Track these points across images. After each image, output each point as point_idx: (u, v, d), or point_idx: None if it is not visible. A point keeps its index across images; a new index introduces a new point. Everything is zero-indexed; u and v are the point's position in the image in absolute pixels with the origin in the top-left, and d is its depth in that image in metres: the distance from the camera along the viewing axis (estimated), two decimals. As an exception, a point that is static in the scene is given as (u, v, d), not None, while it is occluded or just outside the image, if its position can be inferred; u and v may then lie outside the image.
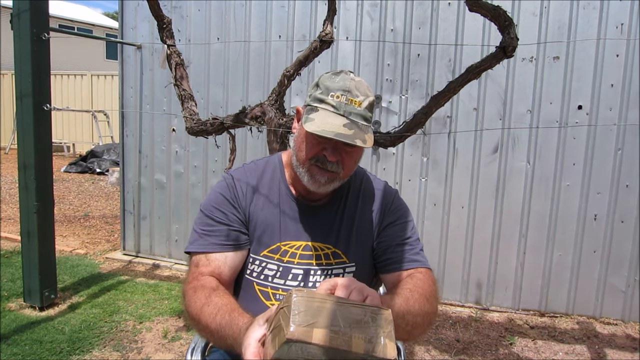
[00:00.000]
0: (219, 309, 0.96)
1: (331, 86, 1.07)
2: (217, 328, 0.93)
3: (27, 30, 2.71)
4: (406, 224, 1.19)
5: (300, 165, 1.11)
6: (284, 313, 0.72)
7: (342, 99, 1.05)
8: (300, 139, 1.10)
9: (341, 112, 1.04)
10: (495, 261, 3.16)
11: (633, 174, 2.92)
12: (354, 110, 1.05)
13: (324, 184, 1.09)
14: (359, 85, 1.07)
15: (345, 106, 1.05)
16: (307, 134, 1.08)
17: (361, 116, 1.06)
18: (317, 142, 1.07)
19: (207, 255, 1.10)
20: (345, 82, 1.07)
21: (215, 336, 0.95)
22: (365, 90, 1.08)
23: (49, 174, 2.94)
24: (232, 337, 0.90)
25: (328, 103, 1.05)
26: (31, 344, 2.48)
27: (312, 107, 1.08)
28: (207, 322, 0.96)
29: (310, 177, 1.09)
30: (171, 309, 2.99)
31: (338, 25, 3.24)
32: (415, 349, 2.62)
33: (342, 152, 1.08)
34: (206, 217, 1.14)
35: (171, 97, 3.62)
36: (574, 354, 2.64)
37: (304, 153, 1.09)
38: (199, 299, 1.00)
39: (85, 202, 6.17)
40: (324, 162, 1.07)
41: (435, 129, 3.15)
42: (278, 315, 0.74)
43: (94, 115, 10.14)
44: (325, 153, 1.07)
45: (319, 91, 1.08)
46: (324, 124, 1.02)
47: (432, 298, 1.04)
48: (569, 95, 2.94)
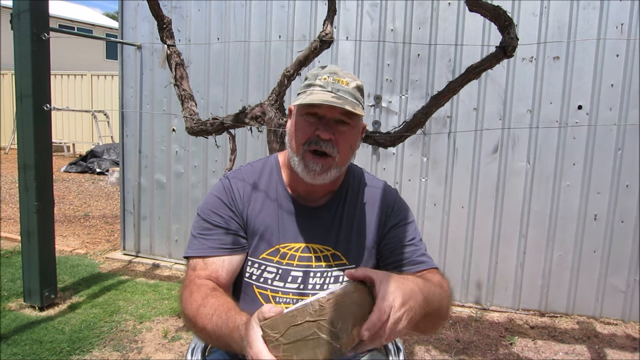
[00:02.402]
0: (215, 309, 0.95)
1: (318, 73, 1.11)
2: (213, 328, 0.93)
3: (27, 30, 2.71)
4: (410, 225, 1.19)
5: (294, 155, 1.10)
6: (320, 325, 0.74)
7: (329, 79, 1.07)
8: (293, 128, 1.12)
9: (329, 89, 1.06)
10: (495, 261, 3.16)
11: (633, 174, 2.92)
12: (342, 87, 1.07)
13: (319, 173, 1.08)
14: (346, 72, 1.11)
15: (333, 84, 1.06)
16: (298, 119, 1.09)
17: (350, 93, 1.07)
18: (309, 124, 1.07)
19: (204, 259, 1.10)
20: (331, 68, 1.11)
21: (212, 337, 0.94)
22: (352, 75, 1.11)
23: (49, 174, 2.94)
24: (229, 335, 0.89)
25: (315, 85, 1.08)
26: (31, 344, 2.48)
27: (301, 92, 1.11)
28: (204, 323, 0.95)
29: (305, 166, 1.08)
30: (171, 309, 2.99)
31: (338, 25, 3.24)
32: (415, 349, 2.62)
33: (336, 132, 1.07)
34: (203, 220, 1.14)
35: (171, 97, 3.62)
36: (574, 354, 2.64)
37: (296, 140, 1.09)
38: (195, 301, 0.99)
39: (85, 202, 6.17)
40: (317, 143, 1.06)
41: (435, 129, 3.15)
42: (308, 325, 0.75)
43: (94, 115, 10.14)
44: (318, 133, 1.06)
45: (307, 80, 1.11)
46: (312, 99, 1.04)
47: (449, 290, 1.06)
48: (569, 95, 2.94)
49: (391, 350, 1.21)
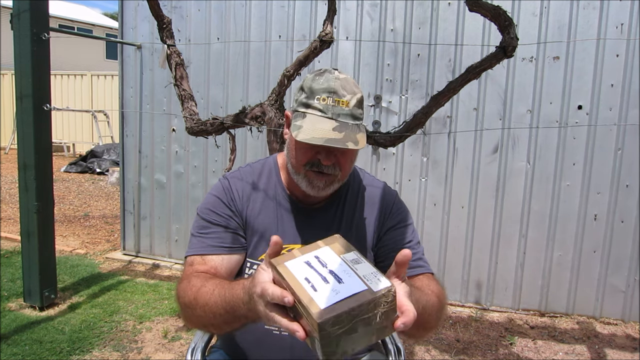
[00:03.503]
0: (217, 284, 0.93)
1: (316, 88, 1.04)
2: (215, 300, 0.90)
3: (27, 30, 2.71)
4: (408, 228, 1.18)
5: (296, 173, 1.09)
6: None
7: (328, 101, 1.02)
8: (292, 146, 1.08)
9: (329, 115, 1.02)
10: (495, 261, 3.16)
11: (633, 174, 2.92)
12: (342, 111, 1.02)
13: (323, 188, 1.07)
14: (345, 83, 1.04)
15: (333, 108, 1.02)
16: (297, 141, 1.05)
17: (350, 116, 1.03)
18: (309, 148, 1.04)
19: (203, 256, 1.09)
20: (329, 82, 1.03)
21: (214, 309, 0.91)
22: (351, 88, 1.05)
23: (49, 174, 2.94)
24: (232, 300, 0.86)
25: (315, 107, 1.03)
26: (31, 344, 2.48)
27: (299, 112, 1.06)
28: (206, 299, 0.92)
29: (308, 183, 1.07)
30: (171, 309, 2.99)
31: (338, 25, 3.24)
32: (415, 349, 2.62)
33: (337, 154, 1.06)
34: (202, 219, 1.13)
35: (171, 97, 3.62)
36: (574, 354, 2.64)
37: (297, 160, 1.07)
38: (194, 285, 0.97)
39: (85, 202, 6.17)
40: (319, 166, 1.05)
41: (435, 129, 3.15)
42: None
43: (94, 115, 10.14)
44: (319, 157, 1.05)
45: (304, 95, 1.06)
46: (313, 131, 0.99)
47: (443, 299, 1.04)
48: (569, 95, 2.94)
49: (391, 350, 1.21)
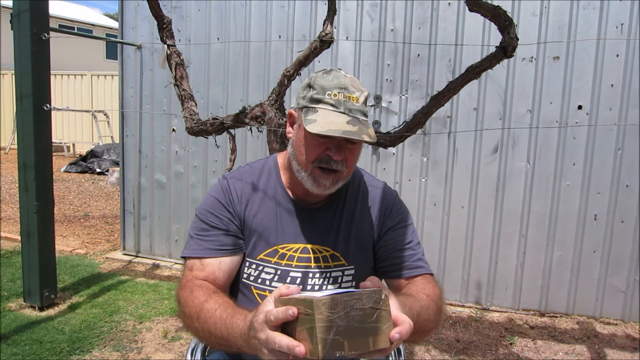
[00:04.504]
0: (220, 304, 0.95)
1: (326, 85, 1.05)
2: (215, 322, 0.91)
3: (27, 30, 2.71)
4: (407, 228, 1.19)
5: (302, 170, 1.08)
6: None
7: (339, 96, 1.04)
8: (300, 142, 1.08)
9: (342, 110, 1.03)
10: (495, 261, 3.16)
11: (633, 174, 2.92)
12: (354, 106, 1.04)
13: (329, 187, 1.08)
14: (353, 82, 1.07)
15: (345, 103, 1.04)
16: (307, 135, 1.06)
17: (360, 112, 1.05)
18: (320, 143, 1.05)
19: (201, 260, 1.10)
20: (339, 79, 1.06)
21: (212, 330, 0.92)
22: (359, 86, 1.08)
23: (49, 174, 2.94)
24: (232, 326, 0.87)
25: (326, 102, 1.04)
26: (31, 344, 2.48)
27: (309, 107, 1.06)
28: (206, 317, 0.94)
29: (314, 181, 1.07)
30: (171, 309, 2.99)
31: (338, 25, 3.24)
32: (415, 349, 2.62)
33: (346, 151, 1.06)
34: (201, 221, 1.13)
35: (171, 97, 3.62)
36: (574, 354, 2.64)
37: (305, 156, 1.07)
38: (198, 298, 0.99)
39: (85, 202, 6.17)
40: (328, 162, 1.05)
41: (435, 129, 3.15)
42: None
43: (94, 115, 10.14)
44: (329, 153, 1.05)
45: (314, 91, 1.06)
46: (327, 123, 1.00)
47: (440, 301, 1.04)
48: (569, 95, 2.94)
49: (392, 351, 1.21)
